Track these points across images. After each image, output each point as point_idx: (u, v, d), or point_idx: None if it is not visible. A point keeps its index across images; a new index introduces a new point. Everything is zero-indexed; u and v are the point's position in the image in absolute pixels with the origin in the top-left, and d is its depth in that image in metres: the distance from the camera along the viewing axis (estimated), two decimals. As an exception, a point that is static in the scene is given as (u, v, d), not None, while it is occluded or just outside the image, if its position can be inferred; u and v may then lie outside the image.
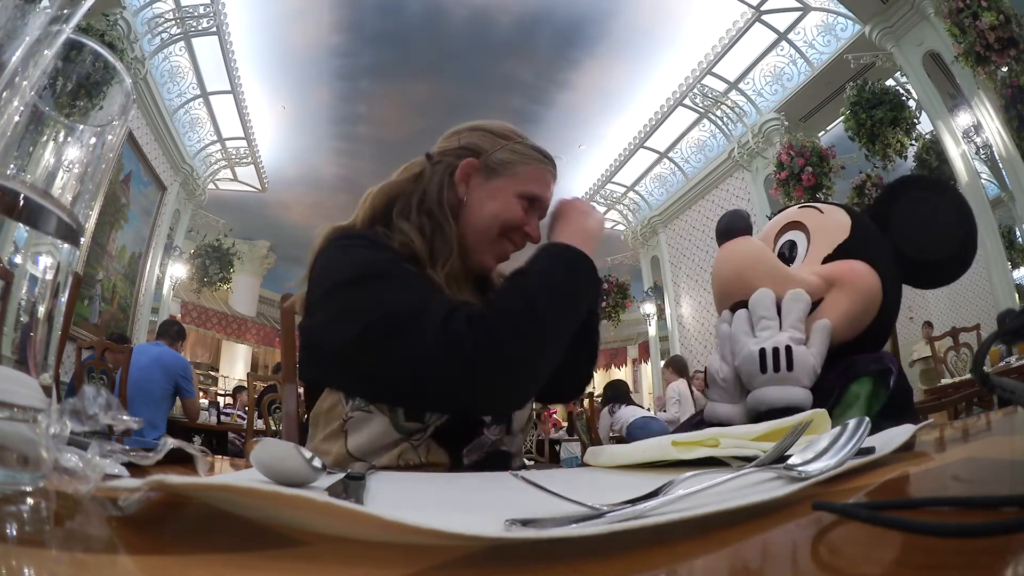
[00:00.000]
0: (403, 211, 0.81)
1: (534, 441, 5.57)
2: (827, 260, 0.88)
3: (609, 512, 0.24)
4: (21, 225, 0.30)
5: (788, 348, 0.77)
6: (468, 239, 0.82)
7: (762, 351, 0.78)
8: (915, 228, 0.93)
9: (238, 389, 6.07)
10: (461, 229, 0.82)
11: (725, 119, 6.47)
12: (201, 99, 6.52)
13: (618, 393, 4.23)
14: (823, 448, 0.36)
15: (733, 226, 0.92)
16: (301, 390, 0.99)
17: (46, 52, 0.29)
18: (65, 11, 0.29)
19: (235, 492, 0.25)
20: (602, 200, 8.32)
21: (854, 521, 0.24)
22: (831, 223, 0.91)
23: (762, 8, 5.27)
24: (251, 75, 6.34)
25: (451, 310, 0.65)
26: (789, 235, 0.94)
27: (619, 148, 7.47)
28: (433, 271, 0.77)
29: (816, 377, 0.78)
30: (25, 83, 0.28)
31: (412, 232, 0.78)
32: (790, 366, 0.76)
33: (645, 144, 7.26)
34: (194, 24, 5.50)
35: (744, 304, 0.85)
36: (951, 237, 0.91)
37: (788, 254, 0.92)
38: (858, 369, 0.79)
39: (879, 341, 0.91)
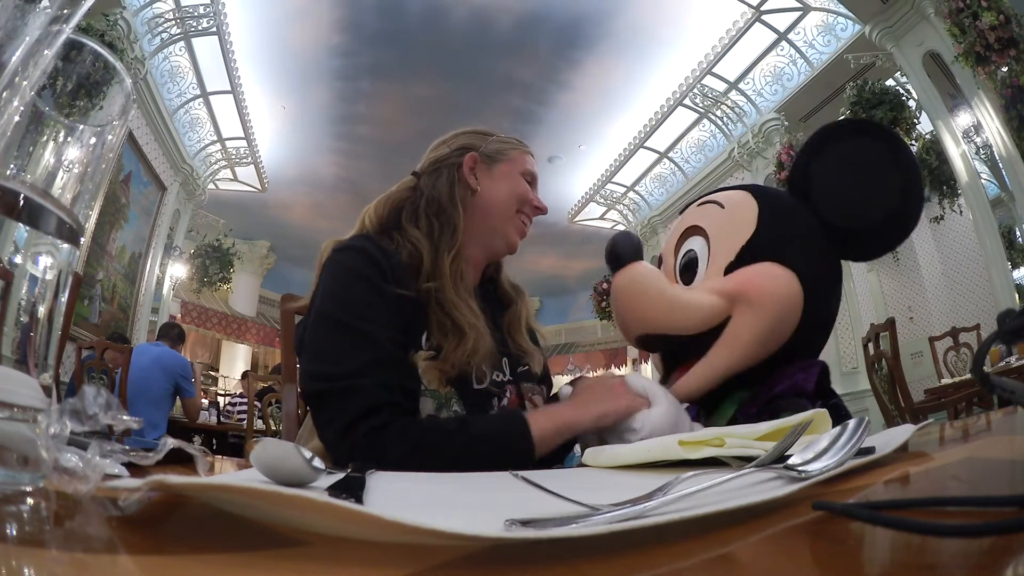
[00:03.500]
0: (411, 217, 0.88)
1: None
2: (731, 267, 0.76)
3: (609, 512, 0.24)
4: (21, 225, 0.29)
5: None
6: (491, 221, 0.90)
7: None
8: (841, 190, 0.78)
9: (246, 375, 6.06)
10: (480, 216, 0.89)
11: (725, 119, 6.46)
12: (201, 99, 6.52)
13: None
14: (823, 448, 0.36)
15: (620, 252, 0.80)
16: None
17: (46, 52, 0.29)
18: (65, 11, 0.29)
19: (235, 492, 0.25)
20: (602, 200, 8.32)
21: (854, 521, 0.24)
22: (733, 219, 0.79)
23: (762, 8, 5.27)
24: (251, 75, 6.33)
25: (365, 413, 0.69)
26: (689, 243, 0.82)
27: (619, 148, 7.46)
28: (434, 270, 0.82)
29: (686, 417, 0.73)
30: (25, 83, 0.28)
31: (421, 238, 0.84)
32: None
33: (645, 144, 7.25)
34: (194, 24, 5.50)
35: (650, 337, 0.79)
36: (887, 191, 0.75)
37: (690, 268, 0.81)
38: (780, 405, 0.72)
39: (815, 342, 0.81)
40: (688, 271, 0.81)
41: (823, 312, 0.80)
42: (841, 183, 0.78)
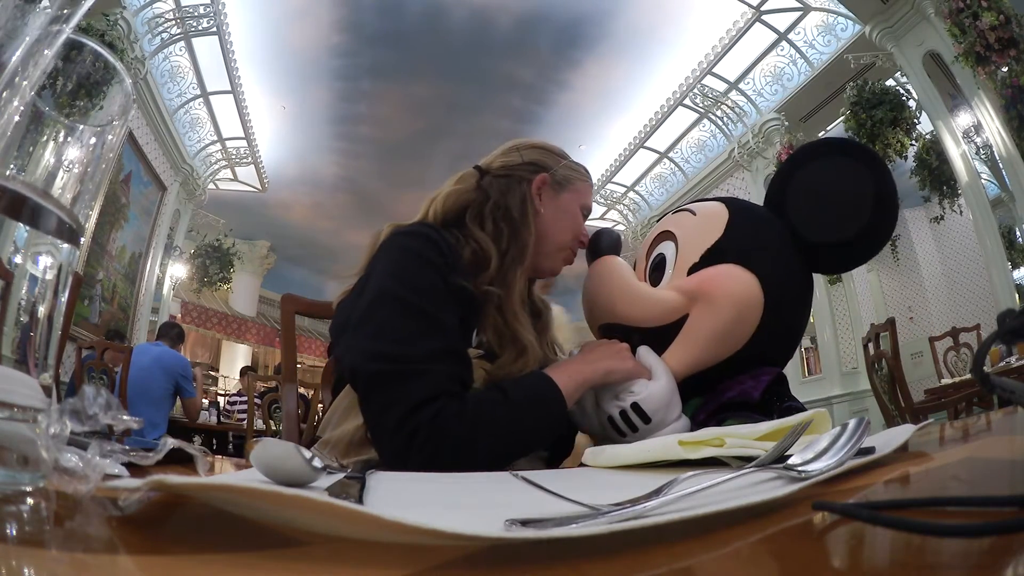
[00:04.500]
0: (476, 218, 0.86)
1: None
2: (695, 268, 0.78)
3: (609, 512, 0.24)
4: (21, 225, 0.29)
5: (635, 405, 0.72)
6: (544, 247, 0.88)
7: (611, 419, 0.75)
8: (817, 205, 0.79)
9: (245, 371, 6.05)
10: (538, 239, 0.87)
11: (725, 119, 6.46)
12: (201, 99, 6.51)
13: None
14: (823, 448, 0.36)
15: (598, 245, 0.87)
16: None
17: (46, 52, 0.29)
18: (65, 11, 0.29)
19: (235, 492, 0.25)
20: (602, 200, 8.32)
21: (854, 521, 0.24)
22: (702, 225, 0.82)
23: (762, 8, 5.27)
24: (251, 75, 6.33)
25: (431, 397, 0.68)
26: (660, 248, 0.85)
27: (619, 148, 7.46)
28: (499, 277, 0.81)
29: (679, 402, 0.74)
30: (25, 83, 0.28)
31: (487, 240, 0.83)
32: (646, 419, 0.72)
33: (645, 144, 7.25)
34: (194, 24, 5.50)
35: (612, 327, 0.80)
36: (862, 208, 0.76)
37: (659, 269, 0.83)
38: (726, 416, 0.72)
39: (778, 350, 0.82)
40: (656, 272, 0.84)
41: (786, 320, 0.81)
42: (817, 199, 0.80)
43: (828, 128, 5.84)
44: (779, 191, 0.84)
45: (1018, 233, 5.35)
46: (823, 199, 0.80)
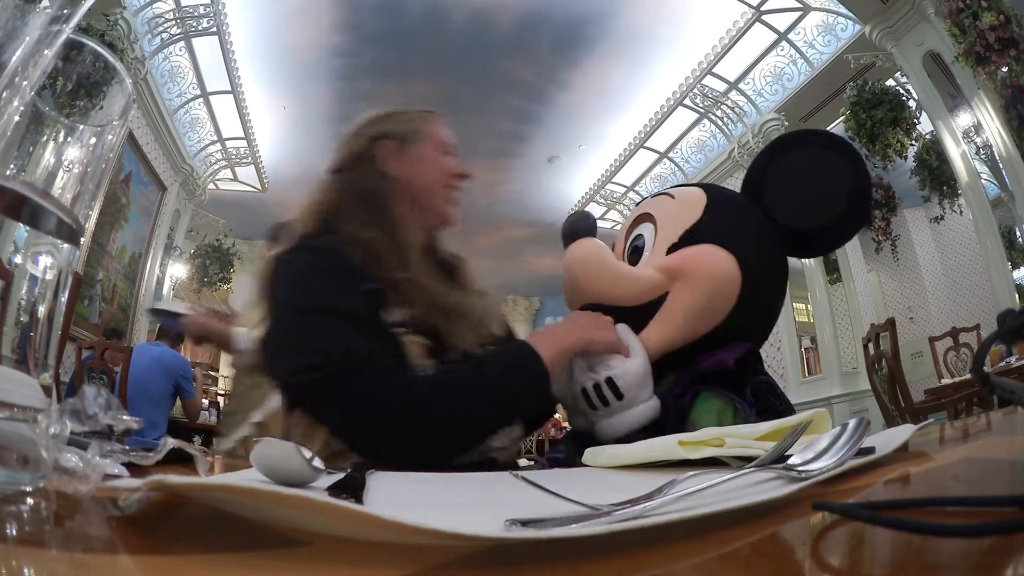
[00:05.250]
0: (346, 217, 0.84)
1: (534, 441, 5.56)
2: (672, 249, 0.80)
3: (609, 512, 0.24)
4: (21, 225, 0.29)
5: (609, 380, 0.73)
6: (420, 202, 0.89)
7: (583, 391, 0.75)
8: (793, 191, 0.83)
9: None
10: (410, 200, 0.89)
11: (725, 119, 6.46)
12: (201, 99, 6.51)
13: None
14: (823, 448, 0.36)
15: (575, 228, 0.85)
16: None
17: (46, 52, 0.29)
18: (65, 11, 0.29)
19: (235, 492, 0.25)
20: (602, 200, 8.31)
21: (854, 521, 0.24)
22: (680, 208, 0.83)
23: (762, 8, 5.27)
24: (251, 75, 6.33)
25: (387, 370, 0.68)
26: (639, 229, 0.86)
27: (619, 148, 7.46)
28: (396, 261, 0.81)
29: (652, 383, 0.75)
30: (25, 83, 0.28)
31: (365, 232, 0.82)
32: (619, 395, 0.73)
33: (645, 144, 7.24)
34: (194, 24, 5.50)
35: (592, 307, 0.80)
36: (837, 194, 0.81)
37: (637, 252, 0.85)
38: (700, 389, 0.74)
39: (754, 330, 0.84)
40: (635, 254, 0.85)
41: (763, 300, 0.83)
42: (793, 185, 0.83)
43: (828, 128, 5.84)
44: (756, 180, 0.86)
45: (1018, 233, 5.35)
46: (801, 186, 0.83)
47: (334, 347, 0.70)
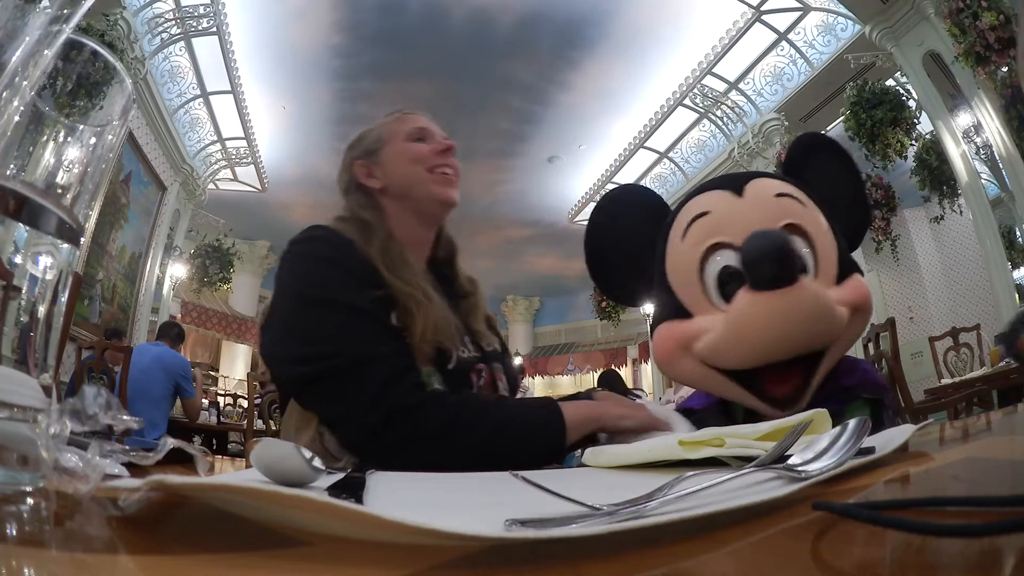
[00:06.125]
0: (358, 238, 0.85)
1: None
2: (839, 276, 0.73)
3: (609, 512, 0.24)
4: (21, 225, 0.29)
5: None
6: (411, 195, 0.91)
7: None
8: (835, 196, 0.80)
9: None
10: (400, 200, 0.91)
11: (725, 119, 6.46)
12: (201, 99, 6.51)
13: (611, 383, 4.20)
14: (823, 448, 0.36)
15: (786, 264, 0.65)
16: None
17: (46, 52, 0.29)
18: (65, 11, 0.29)
19: (235, 492, 0.25)
20: (602, 200, 8.31)
21: (854, 521, 0.24)
22: (821, 221, 0.74)
23: (762, 8, 5.27)
24: (251, 75, 6.33)
25: (393, 376, 0.69)
26: (798, 242, 0.73)
27: (619, 148, 7.46)
28: (388, 266, 0.82)
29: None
30: (25, 83, 0.28)
31: (368, 249, 0.83)
32: None
33: (645, 144, 7.25)
34: (194, 24, 5.49)
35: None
36: (860, 198, 0.82)
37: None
38: (852, 394, 0.74)
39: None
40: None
41: None
42: (831, 191, 0.81)
43: (828, 128, 5.84)
44: (797, 172, 0.82)
45: (1018, 233, 5.35)
46: (837, 193, 0.80)
47: (354, 339, 0.71)
